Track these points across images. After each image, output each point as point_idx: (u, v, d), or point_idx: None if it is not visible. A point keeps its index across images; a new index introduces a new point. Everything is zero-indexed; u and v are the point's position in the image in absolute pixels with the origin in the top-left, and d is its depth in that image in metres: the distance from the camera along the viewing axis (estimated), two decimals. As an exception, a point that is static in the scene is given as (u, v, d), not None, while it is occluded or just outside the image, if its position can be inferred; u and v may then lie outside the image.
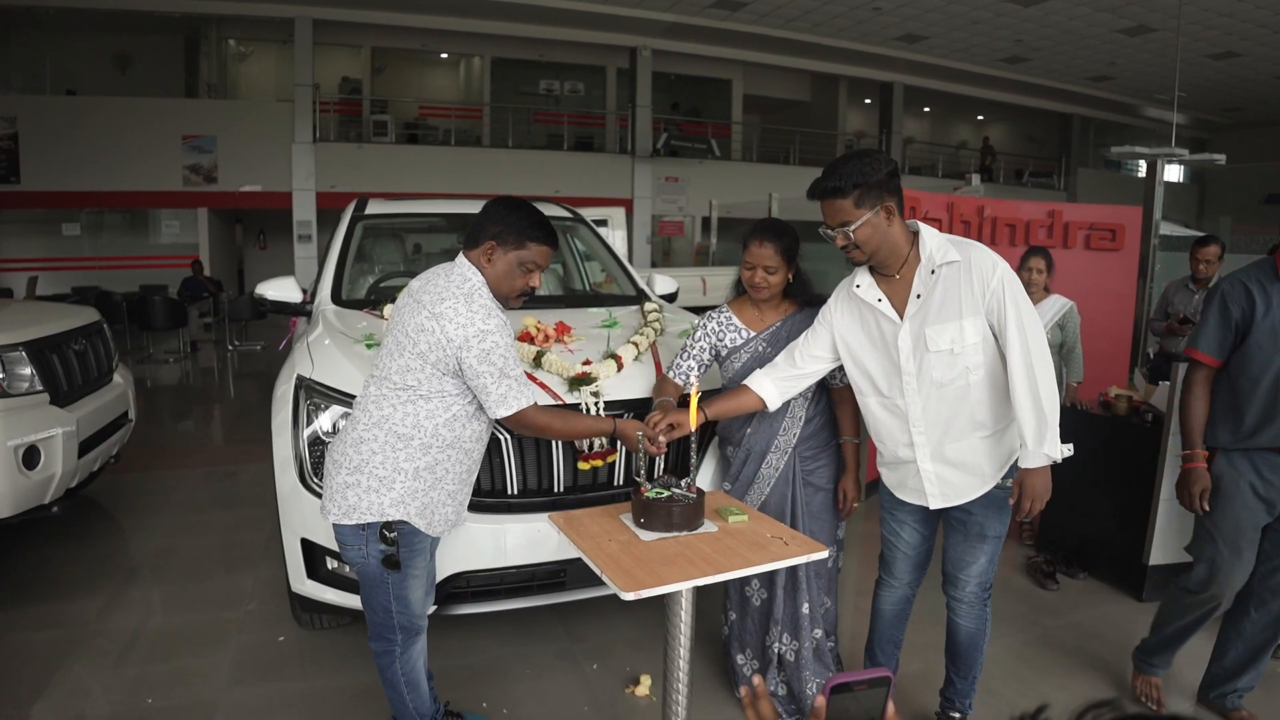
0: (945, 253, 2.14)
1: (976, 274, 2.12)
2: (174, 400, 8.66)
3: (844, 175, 2.07)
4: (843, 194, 2.09)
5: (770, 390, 2.39)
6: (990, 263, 2.13)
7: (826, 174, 2.12)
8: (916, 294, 2.17)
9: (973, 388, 2.19)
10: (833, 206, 2.12)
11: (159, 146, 13.86)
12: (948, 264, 2.13)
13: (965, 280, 2.13)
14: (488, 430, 2.23)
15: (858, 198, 2.08)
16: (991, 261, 2.13)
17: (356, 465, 2.05)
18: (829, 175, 2.11)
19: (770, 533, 1.97)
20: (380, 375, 2.09)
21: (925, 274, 2.16)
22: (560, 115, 17.09)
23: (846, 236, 2.12)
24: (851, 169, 2.07)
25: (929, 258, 2.15)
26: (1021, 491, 2.16)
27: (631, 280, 4.17)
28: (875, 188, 2.08)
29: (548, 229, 2.11)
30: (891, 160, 2.13)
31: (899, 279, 2.21)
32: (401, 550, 2.07)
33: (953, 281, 2.14)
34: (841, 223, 2.12)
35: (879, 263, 2.20)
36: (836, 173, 2.09)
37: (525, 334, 2.87)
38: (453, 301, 1.99)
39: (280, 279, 3.74)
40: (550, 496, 2.61)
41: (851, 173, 2.07)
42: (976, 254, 2.14)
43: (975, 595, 2.42)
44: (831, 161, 2.14)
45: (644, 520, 1.96)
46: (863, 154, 2.12)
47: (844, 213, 2.10)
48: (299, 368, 2.77)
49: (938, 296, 2.15)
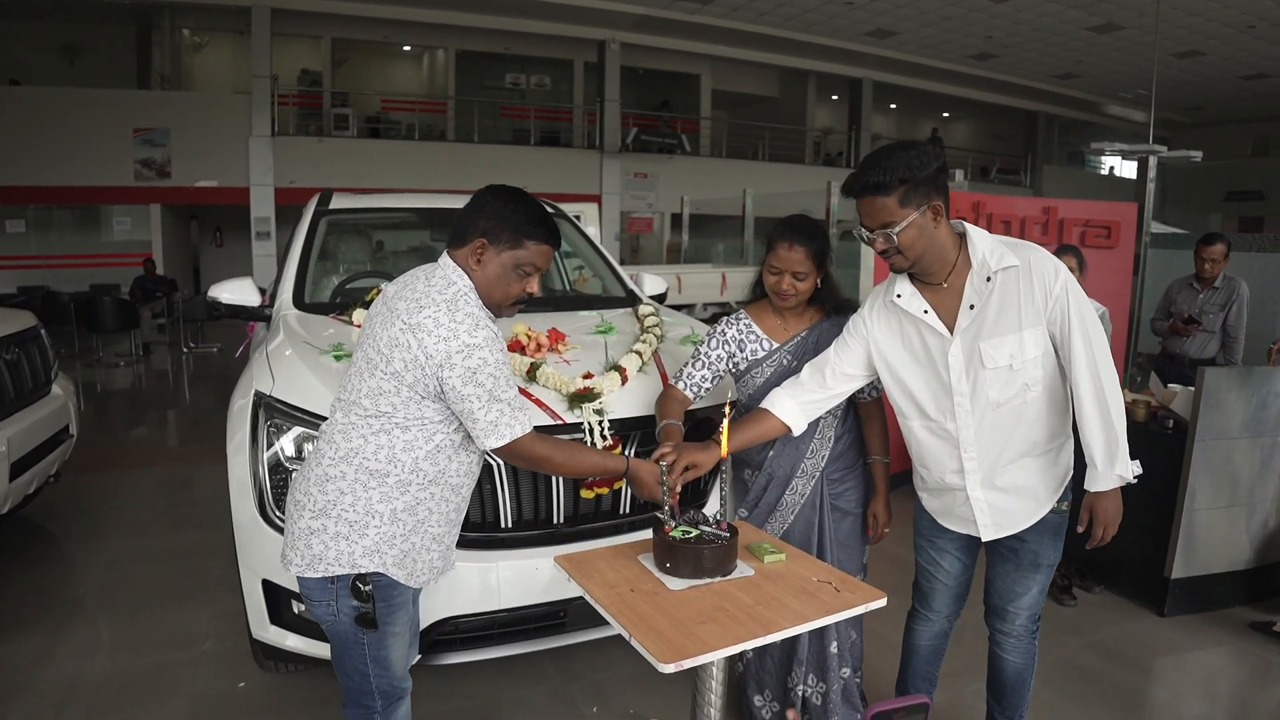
0: (1001, 257, 1.89)
1: (1038, 279, 1.88)
2: (124, 407, 8.20)
3: (888, 169, 1.80)
4: (886, 190, 1.81)
5: (795, 414, 2.12)
6: (1052, 266, 1.89)
7: (867, 167, 1.84)
8: (969, 304, 1.91)
9: (1030, 405, 1.96)
10: (874, 205, 1.84)
11: (109, 139, 13.30)
12: (1004, 270, 1.88)
13: (1025, 287, 1.88)
14: (478, 462, 1.92)
15: (903, 195, 1.81)
16: (1053, 265, 1.89)
17: (322, 507, 1.74)
18: (871, 169, 1.83)
19: (816, 576, 1.71)
20: (348, 399, 1.77)
21: (979, 282, 1.90)
22: (527, 110, 16.77)
23: (889, 239, 1.85)
24: (897, 162, 1.80)
25: (982, 263, 1.90)
26: (1093, 518, 1.95)
27: (620, 280, 3.87)
28: (923, 184, 1.82)
29: (549, 225, 1.81)
30: (941, 154, 1.86)
31: (946, 288, 1.95)
32: (378, 606, 1.76)
33: (1010, 289, 1.89)
34: (884, 224, 1.84)
35: (923, 270, 1.94)
36: (879, 166, 1.81)
37: (515, 343, 2.57)
38: (433, 310, 1.68)
39: (236, 280, 3.40)
40: (548, 529, 2.32)
41: (897, 166, 1.80)
42: (1036, 257, 1.90)
43: (1025, 629, 2.20)
44: (871, 153, 1.87)
45: (669, 565, 1.69)
46: (909, 145, 1.85)
47: (887, 212, 1.83)
48: (257, 382, 2.45)
49: (994, 306, 1.90)
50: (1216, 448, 3.42)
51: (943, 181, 1.86)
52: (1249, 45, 15.24)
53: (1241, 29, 14.28)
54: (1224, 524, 3.55)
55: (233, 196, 13.92)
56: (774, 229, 2.22)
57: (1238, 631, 3.42)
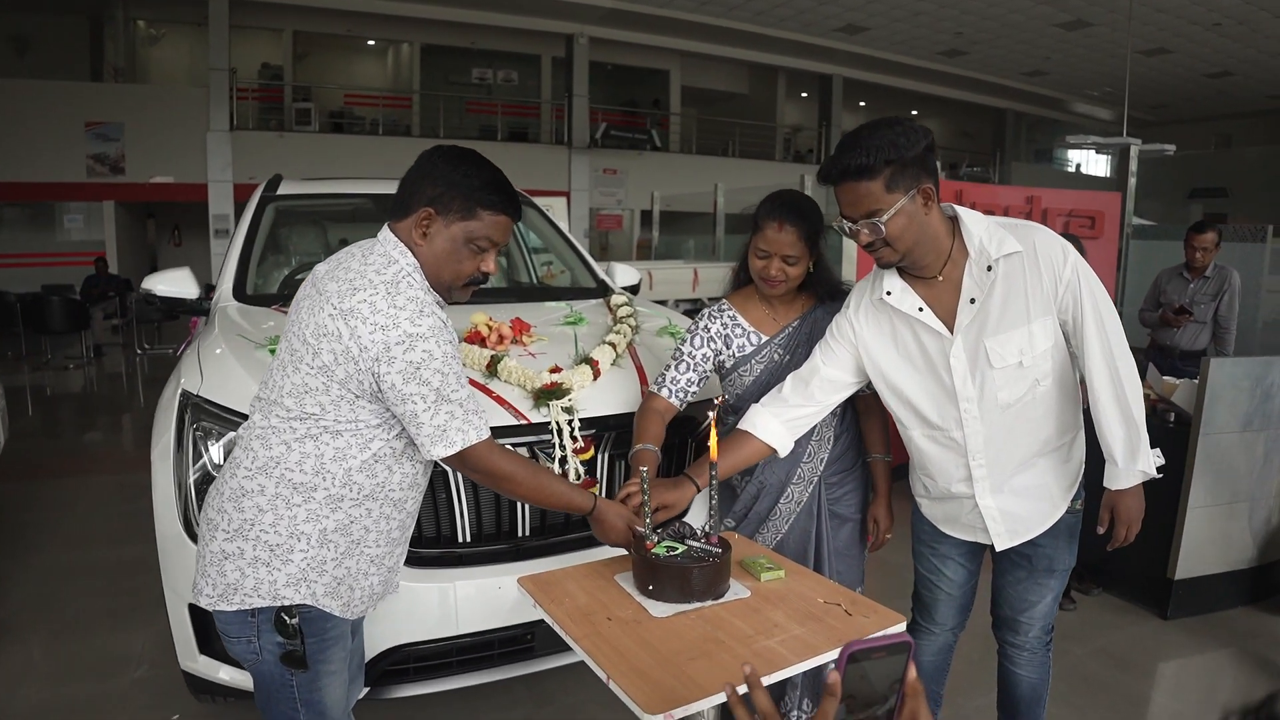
0: (1001, 242, 1.67)
1: (1045, 264, 1.66)
2: (70, 412, 7.81)
3: (871, 149, 1.56)
4: (870, 174, 1.57)
5: (779, 433, 1.87)
6: (1059, 248, 1.68)
7: (846, 148, 1.59)
8: (970, 298, 1.69)
9: (1039, 401, 1.75)
10: (856, 192, 1.60)
11: (60, 134, 12.79)
12: (1006, 256, 1.67)
13: (1032, 273, 1.67)
14: (426, 472, 1.65)
15: (889, 178, 1.58)
16: (1060, 246, 1.68)
17: (238, 528, 1.47)
18: (851, 150, 1.58)
19: (821, 596, 1.48)
20: (269, 399, 1.50)
21: (978, 272, 1.68)
22: (493, 105, 16.45)
23: (875, 230, 1.61)
24: (881, 141, 1.56)
25: (980, 250, 1.67)
26: (1115, 517, 1.76)
27: (590, 270, 3.63)
28: (911, 165, 1.59)
29: (507, 191, 1.54)
30: (928, 130, 1.63)
31: (941, 280, 1.72)
32: (308, 642, 1.51)
33: (1015, 277, 1.67)
34: (868, 213, 1.60)
35: (915, 262, 1.70)
36: (861, 146, 1.57)
37: (474, 334, 2.31)
38: (369, 293, 1.42)
39: (172, 271, 3.11)
40: (512, 542, 2.06)
41: (881, 146, 1.56)
42: (1041, 238, 1.68)
43: (1038, 640, 2.00)
44: (850, 133, 1.63)
45: (652, 588, 1.45)
46: (893, 122, 1.61)
47: (871, 199, 1.59)
48: (185, 380, 2.18)
49: (998, 299, 1.68)
50: (1220, 442, 3.25)
51: (932, 161, 1.63)
52: (1214, 43, 15.33)
53: (1208, 26, 14.34)
54: (1226, 521, 3.39)
55: (190, 193, 13.45)
56: (761, 206, 1.98)
57: (1241, 634, 3.27)
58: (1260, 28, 14.10)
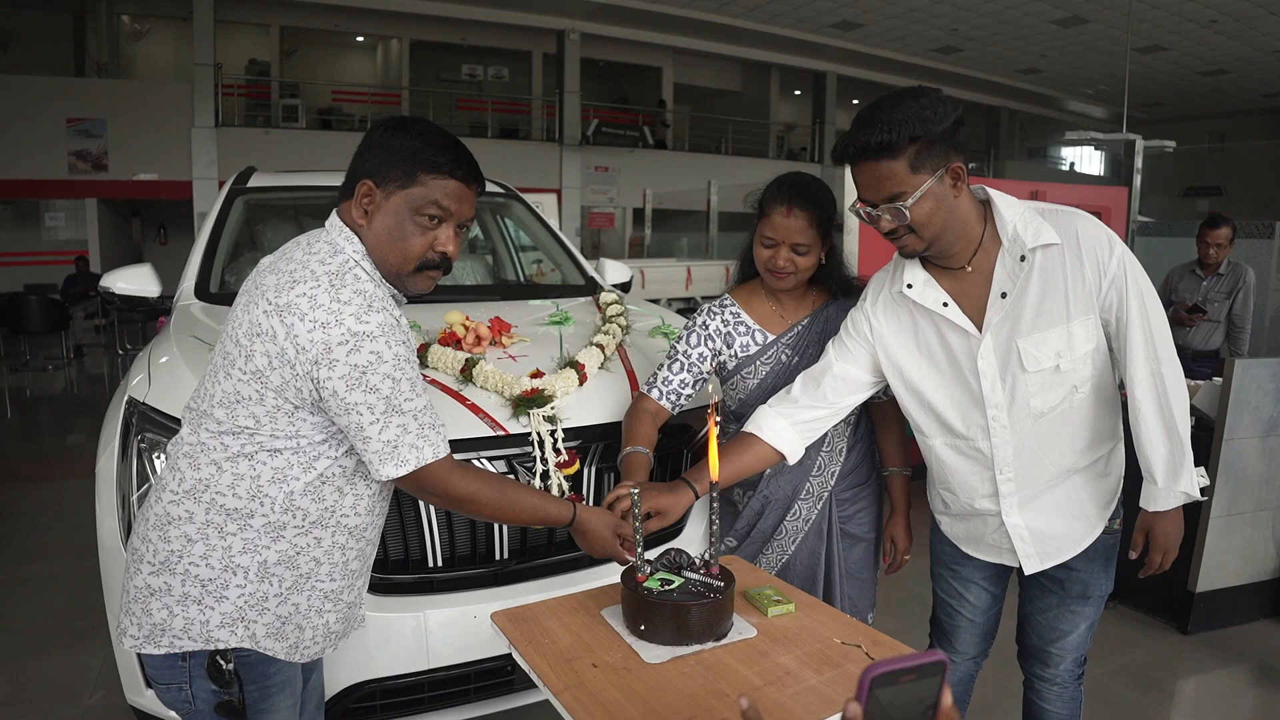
0: (1038, 231, 1.48)
1: (1089, 256, 1.47)
2: (46, 414, 7.59)
3: (895, 124, 1.37)
4: (894, 152, 1.39)
5: (789, 438, 1.69)
6: (1105, 238, 1.49)
7: (866, 123, 1.41)
8: (1001, 292, 1.51)
9: (1076, 410, 1.57)
10: (876, 172, 1.42)
11: (41, 130, 12.52)
12: (1043, 247, 1.48)
13: (1074, 266, 1.48)
14: (387, 494, 1.45)
15: (914, 157, 1.39)
16: (1106, 236, 1.49)
17: (164, 560, 1.28)
18: (871, 125, 1.39)
19: (838, 635, 1.29)
20: (199, 409, 1.31)
21: (1011, 263, 1.50)
22: (484, 102, 16.27)
23: (898, 215, 1.43)
24: (905, 114, 1.37)
25: (1013, 239, 1.49)
26: (1150, 541, 1.57)
27: (579, 267, 3.43)
28: (939, 142, 1.40)
29: (455, 152, 1.33)
30: (957, 102, 1.43)
31: (970, 272, 1.54)
32: (248, 689, 1.32)
33: (1054, 270, 1.49)
34: (891, 196, 1.42)
35: (941, 251, 1.52)
36: (883, 121, 1.38)
37: (449, 335, 2.11)
38: (309, 286, 1.23)
39: (133, 268, 2.93)
40: (490, 567, 1.86)
41: (906, 120, 1.37)
42: (1085, 227, 1.49)
43: (1070, 673, 1.81)
44: (868, 106, 1.44)
45: (644, 627, 1.26)
46: (917, 93, 1.41)
47: (895, 180, 1.41)
48: (132, 387, 1.99)
49: (1033, 294, 1.50)
50: (1243, 448, 3.09)
51: (962, 137, 1.44)
52: (1210, 40, 15.21)
53: (1204, 23, 14.22)
54: (1249, 531, 3.23)
55: (174, 190, 13.21)
56: (767, 190, 1.79)
57: (1264, 649, 3.12)
58: (1257, 25, 13.99)
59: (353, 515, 1.37)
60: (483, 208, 3.87)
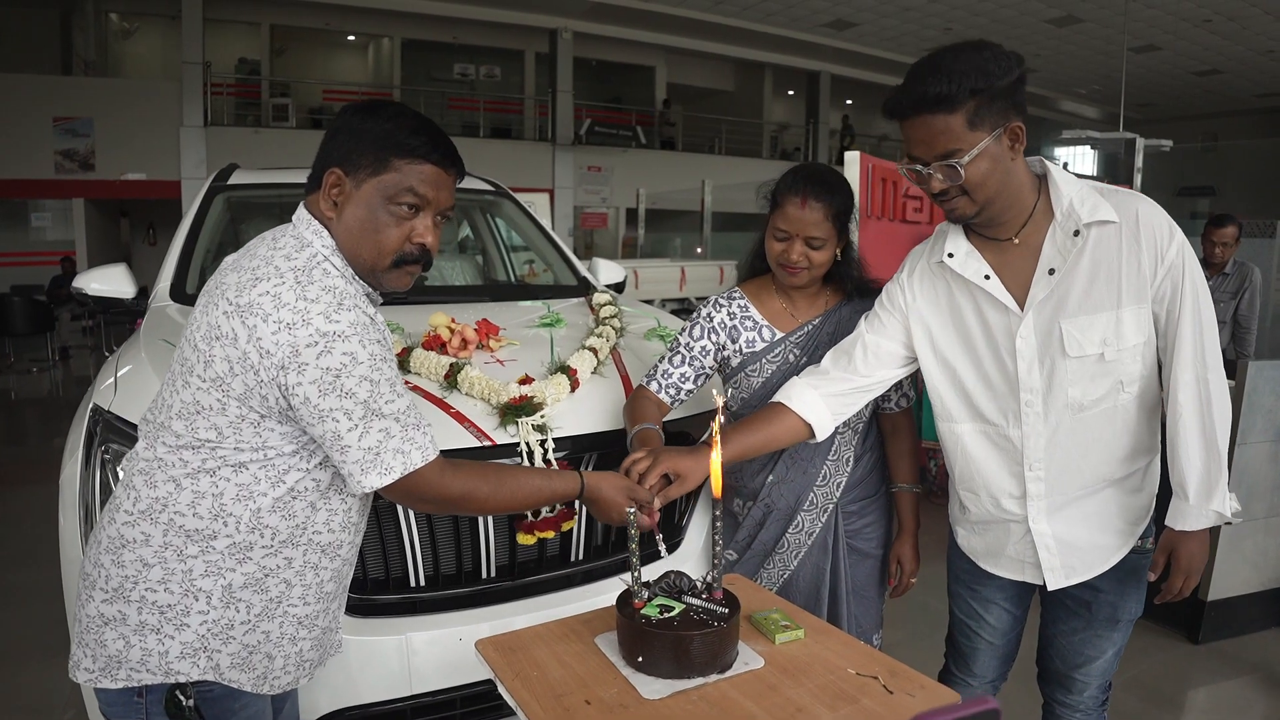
0: (1095, 207, 1.38)
1: (1147, 239, 1.38)
2: (29, 417, 7.45)
3: (955, 75, 1.28)
4: (952, 104, 1.29)
5: (819, 410, 1.59)
6: (1165, 223, 1.39)
7: (923, 73, 1.31)
8: (1049, 269, 1.41)
9: (1120, 411, 1.46)
10: (931, 127, 1.32)
11: (27, 129, 12.35)
12: (1099, 224, 1.38)
13: (1129, 249, 1.38)
14: (365, 508, 1.35)
15: (974, 112, 1.30)
16: (1167, 222, 1.39)
17: (117, 587, 1.17)
18: (929, 74, 1.30)
19: (853, 666, 1.19)
20: (156, 420, 1.20)
21: (1062, 238, 1.40)
22: (476, 101, 16.15)
23: (952, 174, 1.33)
24: (967, 66, 1.28)
25: (1068, 212, 1.40)
26: (1173, 564, 1.46)
27: (571, 267, 3.33)
28: (1000, 98, 1.31)
29: (430, 134, 1.23)
30: (1020, 57, 1.34)
31: (1017, 244, 1.45)
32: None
33: (1108, 251, 1.39)
34: (946, 153, 1.32)
35: (991, 219, 1.43)
36: (942, 70, 1.29)
37: (433, 338, 2.00)
38: (273, 284, 1.13)
39: (108, 268, 2.81)
40: (477, 586, 1.75)
41: (967, 72, 1.28)
42: (1145, 209, 1.40)
43: (1094, 700, 1.70)
44: (924, 58, 1.34)
45: (642, 659, 1.15)
46: (979, 45, 1.32)
47: (951, 136, 1.31)
48: (98, 394, 1.87)
49: (1084, 272, 1.40)
50: (1256, 453, 3.00)
51: (1022, 97, 1.35)
52: (1205, 40, 15.19)
53: (1198, 23, 14.19)
54: (1261, 538, 3.15)
55: (163, 190, 13.03)
56: (781, 180, 1.70)
57: (1275, 659, 3.04)
58: (1251, 25, 13.96)
59: (326, 532, 1.26)
60: (472, 206, 3.77)
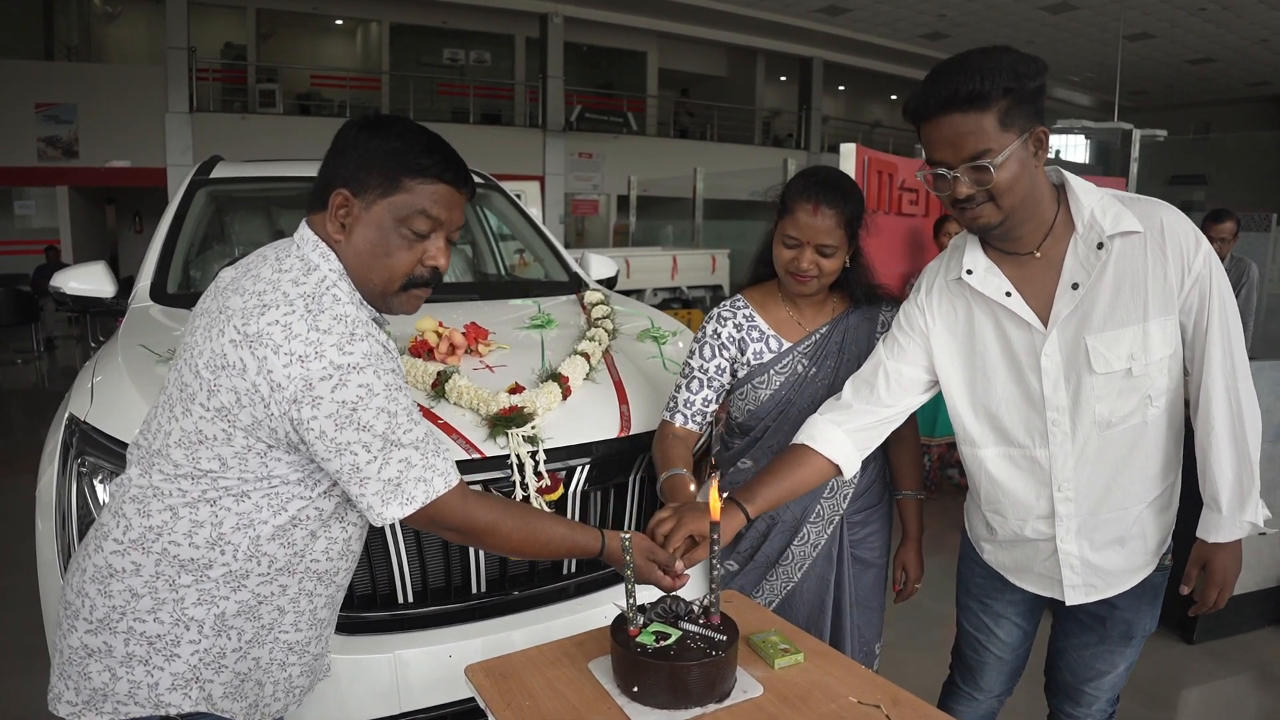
0: (1118, 217, 1.34)
1: (1173, 250, 1.33)
2: (13, 410, 7.36)
3: (988, 72, 1.22)
4: (984, 103, 1.24)
5: (845, 449, 1.53)
6: (1191, 233, 1.34)
7: (951, 71, 1.26)
8: (1073, 283, 1.36)
9: (1150, 428, 1.41)
10: (960, 126, 1.26)
11: (9, 115, 12.18)
12: (1122, 235, 1.34)
13: (1155, 260, 1.33)
14: (362, 535, 1.31)
15: (1005, 112, 1.25)
16: (1193, 232, 1.34)
17: (103, 617, 1.13)
18: (958, 72, 1.24)
19: (854, 693, 1.15)
20: (151, 448, 1.15)
21: (1085, 250, 1.35)
22: (466, 87, 15.96)
23: (981, 177, 1.28)
24: (999, 65, 1.23)
25: (1089, 224, 1.35)
26: (1208, 576, 1.43)
27: (562, 262, 3.27)
28: (1029, 101, 1.26)
29: (442, 153, 1.18)
30: (1044, 64, 1.28)
31: (1038, 258, 1.39)
32: None
33: (1133, 263, 1.34)
34: (975, 155, 1.26)
35: (1012, 229, 1.37)
36: (974, 69, 1.23)
37: (419, 344, 1.95)
38: (282, 312, 1.08)
39: (86, 266, 2.73)
40: (467, 602, 1.71)
41: (1000, 70, 1.22)
42: (1170, 218, 1.35)
43: (1102, 712, 1.67)
44: (949, 59, 1.29)
45: (637, 689, 1.11)
46: (1005, 48, 1.27)
47: (981, 136, 1.25)
48: (73, 403, 1.81)
49: (1108, 287, 1.35)
50: (1254, 452, 2.98)
51: (1044, 104, 1.30)
52: (1198, 28, 15.15)
53: (1192, 11, 14.14)
54: (1255, 539, 3.05)
55: (148, 178, 12.89)
56: (791, 184, 1.65)
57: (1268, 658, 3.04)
58: (1245, 13, 13.92)
59: (325, 560, 1.22)
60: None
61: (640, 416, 1.92)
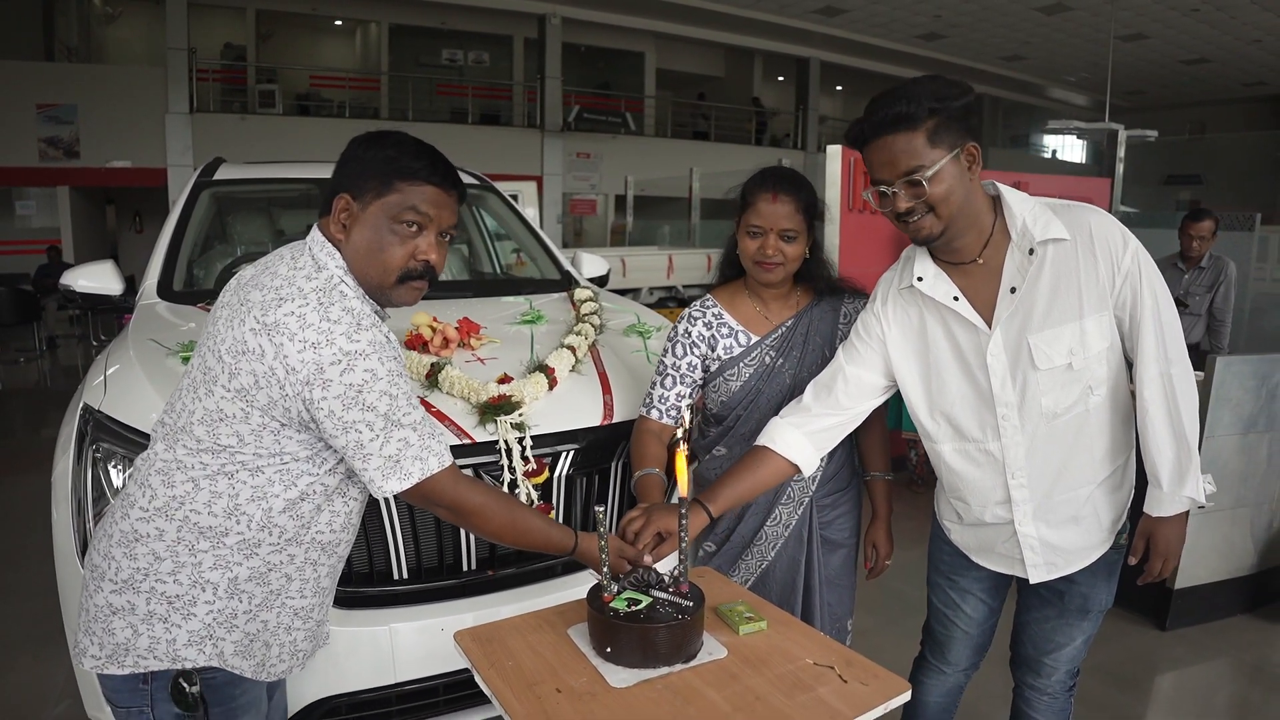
0: (1047, 225, 1.46)
1: (1103, 251, 1.45)
2: (16, 409, 7.44)
3: (913, 97, 1.37)
4: (913, 123, 1.38)
5: (804, 449, 1.64)
6: (1119, 233, 1.47)
7: (883, 101, 1.40)
8: (1011, 287, 1.48)
9: (1093, 414, 1.53)
10: (893, 147, 1.40)
11: (10, 116, 12.24)
12: (1053, 241, 1.46)
13: (1086, 261, 1.45)
14: (361, 510, 1.43)
15: (933, 131, 1.38)
16: (1120, 231, 1.47)
17: (128, 578, 1.25)
18: (890, 99, 1.39)
19: (811, 655, 1.25)
20: (175, 425, 1.28)
21: (1020, 257, 1.47)
22: (464, 87, 16.05)
23: (916, 190, 1.41)
24: (923, 90, 1.38)
25: (1022, 232, 1.47)
26: (1151, 548, 1.55)
27: (554, 261, 3.37)
28: (956, 119, 1.40)
29: (431, 159, 1.32)
30: (970, 87, 1.43)
31: (980, 264, 1.51)
32: (213, 712, 1.28)
33: (1066, 264, 1.46)
34: (909, 171, 1.40)
35: (953, 239, 1.49)
36: (901, 94, 1.38)
37: (415, 337, 2.06)
38: (297, 304, 1.21)
39: (95, 265, 2.84)
40: (458, 578, 1.81)
41: (924, 94, 1.37)
42: (1097, 221, 1.47)
43: (1061, 685, 1.78)
44: (884, 91, 1.43)
45: (610, 650, 1.22)
46: (931, 76, 1.43)
47: (913, 154, 1.39)
48: (88, 393, 1.92)
49: (1045, 289, 1.47)
50: (1224, 445, 3.08)
51: (976, 123, 1.43)
52: (1192, 29, 15.24)
53: (1186, 12, 14.23)
54: (1228, 527, 3.23)
55: (149, 178, 12.99)
56: (750, 181, 1.76)
57: (1240, 644, 3.13)
58: (1239, 14, 14.02)
59: (328, 531, 1.35)
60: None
61: (623, 406, 2.03)
